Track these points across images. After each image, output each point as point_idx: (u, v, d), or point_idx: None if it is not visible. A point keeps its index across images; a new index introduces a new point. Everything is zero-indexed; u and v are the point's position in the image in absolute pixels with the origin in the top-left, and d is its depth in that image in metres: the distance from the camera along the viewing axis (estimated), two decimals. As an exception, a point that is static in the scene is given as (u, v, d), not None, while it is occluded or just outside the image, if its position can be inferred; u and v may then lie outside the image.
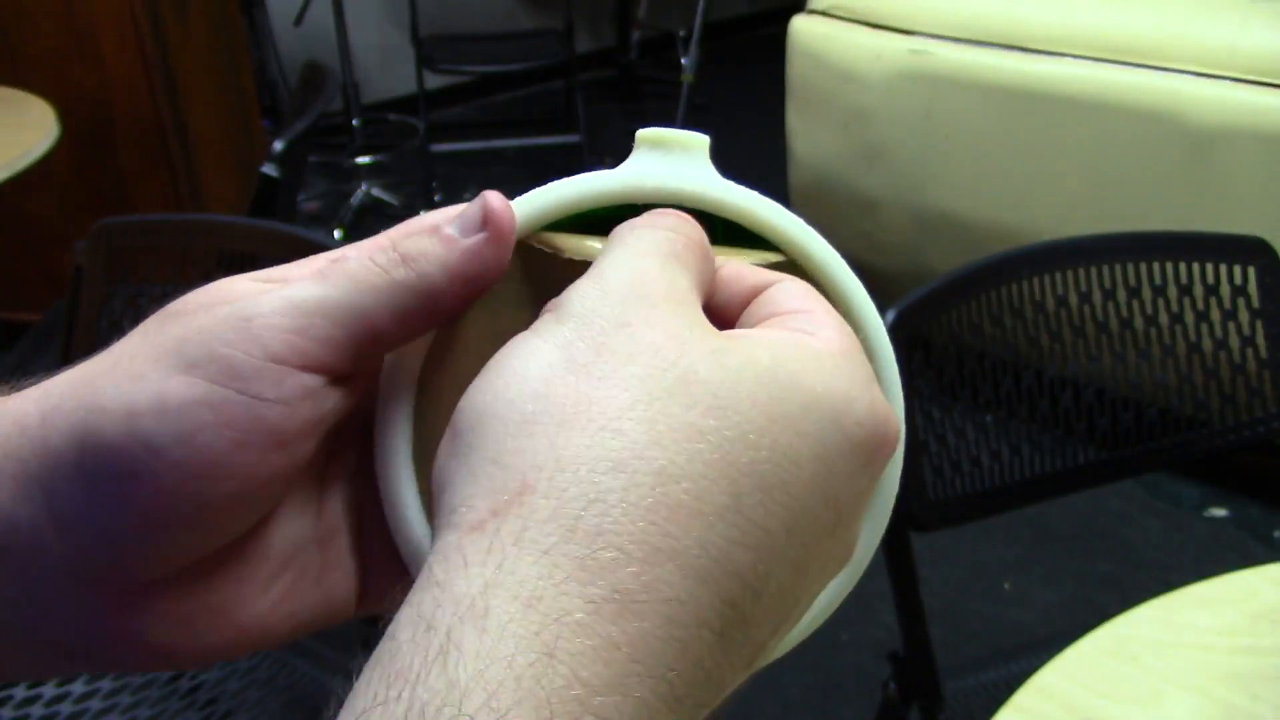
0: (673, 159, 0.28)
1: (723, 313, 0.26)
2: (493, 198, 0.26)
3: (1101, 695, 0.66)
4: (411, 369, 0.27)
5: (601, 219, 0.28)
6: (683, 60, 3.79)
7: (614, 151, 3.78)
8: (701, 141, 0.29)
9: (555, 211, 0.27)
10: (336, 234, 3.17)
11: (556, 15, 3.73)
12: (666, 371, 0.21)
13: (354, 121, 3.67)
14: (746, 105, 4.14)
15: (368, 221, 3.28)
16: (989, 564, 1.83)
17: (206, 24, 2.55)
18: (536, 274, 0.27)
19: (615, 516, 0.20)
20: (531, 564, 0.19)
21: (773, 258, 0.28)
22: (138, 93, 2.29)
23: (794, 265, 0.28)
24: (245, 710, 0.95)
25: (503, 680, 0.18)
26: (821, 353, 0.23)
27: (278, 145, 1.45)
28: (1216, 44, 1.68)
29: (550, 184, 0.27)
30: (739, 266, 0.27)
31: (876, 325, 0.28)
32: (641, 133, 0.29)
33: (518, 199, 0.27)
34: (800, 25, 2.17)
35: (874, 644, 1.64)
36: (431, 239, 0.25)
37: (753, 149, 3.78)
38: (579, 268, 0.25)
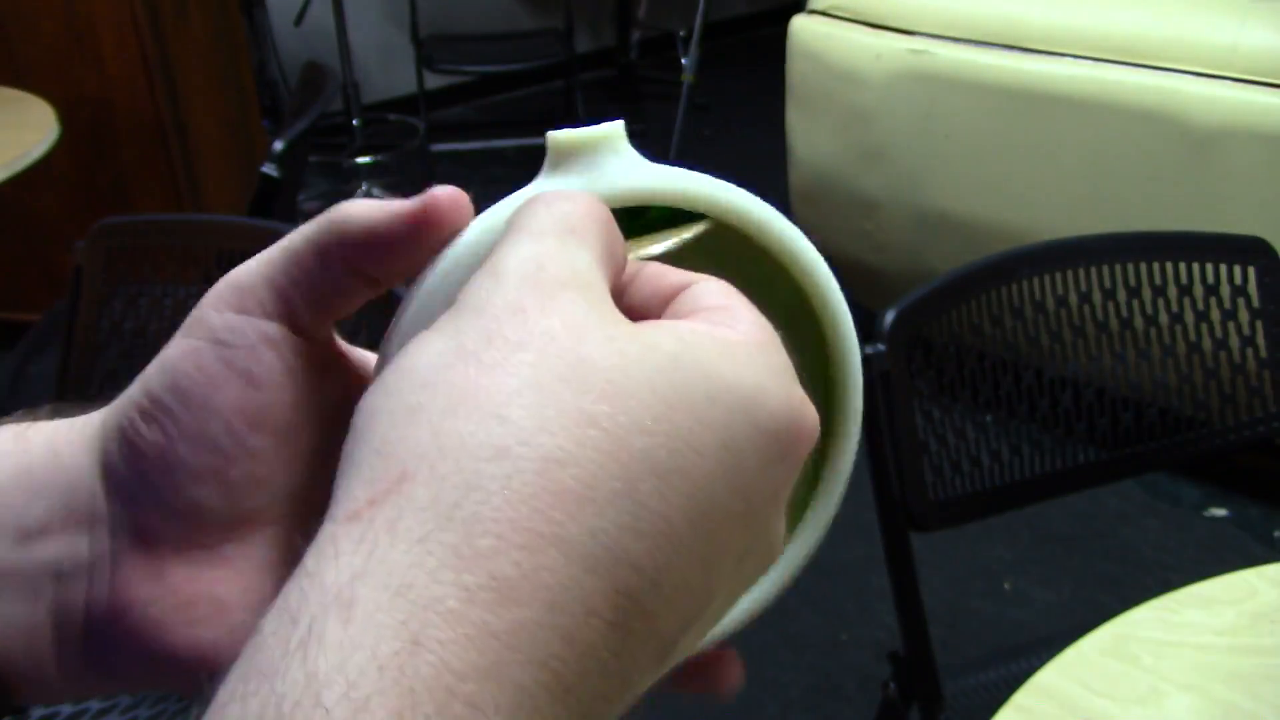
0: (588, 162, 0.26)
1: (642, 313, 0.25)
2: (440, 190, 0.26)
3: (1101, 695, 0.66)
4: None
5: None
6: (683, 60, 3.79)
7: (614, 151, 3.77)
8: (613, 131, 0.27)
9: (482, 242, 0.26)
10: (336, 234, 3.17)
11: (556, 15, 3.73)
12: (560, 358, 0.21)
13: (354, 121, 3.67)
14: (746, 105, 4.14)
15: (368, 221, 3.28)
16: (989, 564, 1.83)
17: (206, 24, 2.55)
18: None
19: (496, 504, 0.19)
20: (404, 552, 0.19)
21: (688, 232, 0.28)
22: (138, 93, 2.29)
23: (720, 232, 0.27)
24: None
25: (364, 669, 0.17)
26: (734, 342, 0.23)
27: (278, 145, 1.45)
28: (1216, 44, 1.68)
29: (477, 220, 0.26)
30: (659, 267, 0.27)
31: (827, 278, 0.28)
32: (550, 138, 0.27)
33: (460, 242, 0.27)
34: (800, 25, 2.17)
35: (874, 644, 1.64)
36: (365, 204, 0.27)
37: (753, 149, 3.78)
38: None
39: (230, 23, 2.73)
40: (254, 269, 0.27)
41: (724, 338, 0.23)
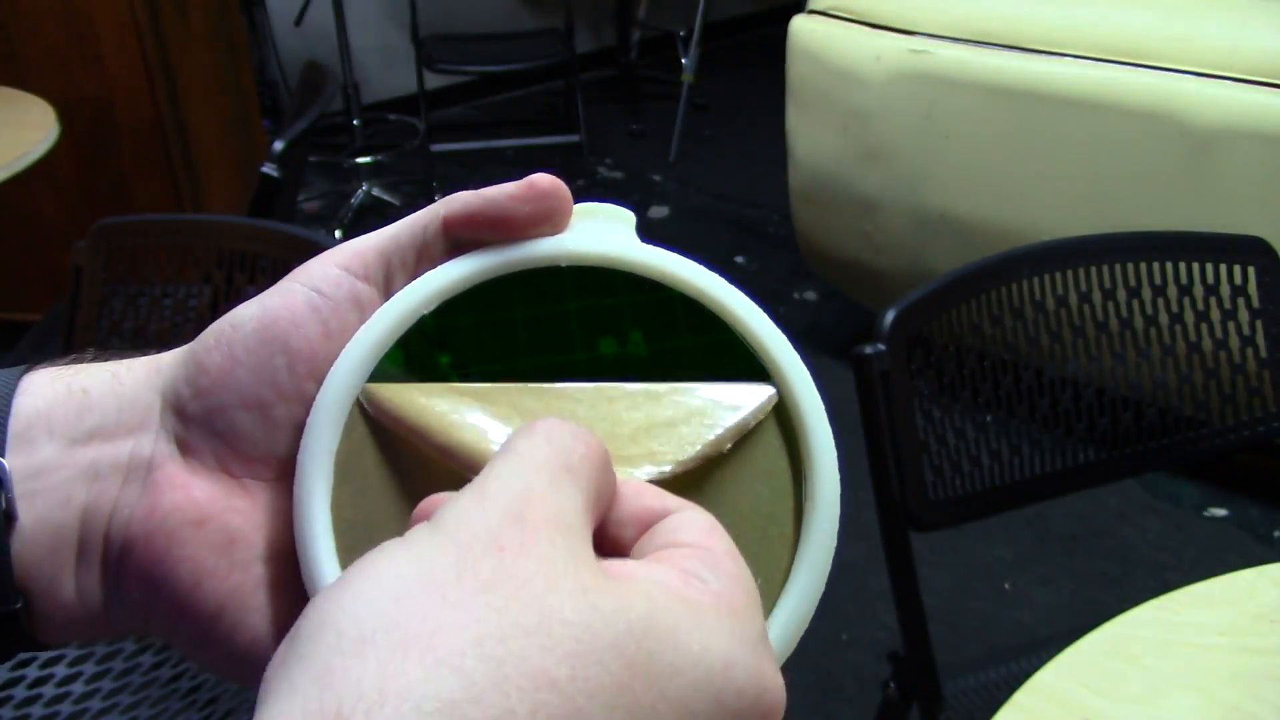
0: (602, 229, 0.30)
1: (617, 533, 0.25)
2: (539, 176, 0.29)
3: (1101, 695, 0.66)
4: (326, 461, 0.28)
5: (534, 341, 0.29)
6: (683, 60, 3.78)
7: (613, 151, 3.78)
8: (629, 216, 0.30)
9: (491, 272, 0.29)
10: (337, 234, 3.17)
11: (556, 15, 3.73)
12: (529, 606, 0.20)
13: (354, 121, 3.67)
14: (746, 105, 4.14)
15: (368, 221, 3.28)
16: (989, 564, 1.83)
17: (206, 24, 2.55)
18: (406, 465, 0.28)
19: None
20: None
21: (686, 450, 0.27)
22: (138, 93, 2.29)
23: (720, 461, 0.28)
24: (245, 710, 0.95)
25: None
26: (706, 606, 0.22)
27: (278, 145, 1.45)
28: (1216, 44, 1.68)
29: (473, 253, 0.29)
30: (639, 485, 0.26)
31: (816, 407, 0.28)
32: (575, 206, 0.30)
33: (445, 265, 0.29)
34: (800, 25, 2.17)
35: (874, 644, 1.64)
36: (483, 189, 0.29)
37: (753, 149, 3.79)
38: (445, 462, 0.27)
39: (230, 23, 2.73)
40: (372, 237, 0.29)
41: (696, 601, 0.22)
